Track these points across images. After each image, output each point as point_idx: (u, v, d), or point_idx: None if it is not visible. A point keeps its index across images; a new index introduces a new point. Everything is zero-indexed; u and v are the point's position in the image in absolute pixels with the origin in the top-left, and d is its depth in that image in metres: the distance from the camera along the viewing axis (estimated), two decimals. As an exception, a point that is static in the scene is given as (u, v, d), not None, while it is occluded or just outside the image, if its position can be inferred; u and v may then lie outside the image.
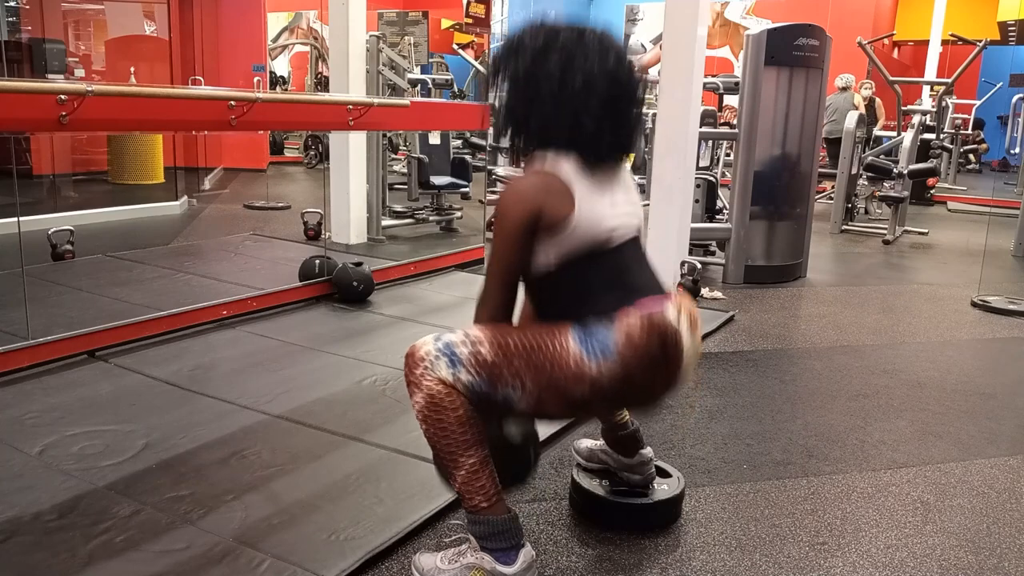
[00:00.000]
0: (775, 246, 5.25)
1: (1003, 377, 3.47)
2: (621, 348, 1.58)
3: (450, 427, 1.63)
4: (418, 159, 6.37)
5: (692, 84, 4.44)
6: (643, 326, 1.59)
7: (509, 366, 1.60)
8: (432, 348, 1.64)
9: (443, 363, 1.62)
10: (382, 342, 3.54)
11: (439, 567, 1.75)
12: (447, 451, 1.65)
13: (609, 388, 1.60)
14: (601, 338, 1.59)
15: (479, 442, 1.66)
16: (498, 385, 1.61)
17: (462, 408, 1.62)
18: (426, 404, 1.63)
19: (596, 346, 1.59)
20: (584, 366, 1.58)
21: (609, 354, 1.58)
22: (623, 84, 1.68)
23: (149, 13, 9.05)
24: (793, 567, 1.94)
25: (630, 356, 1.58)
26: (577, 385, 1.59)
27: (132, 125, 3.56)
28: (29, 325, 3.09)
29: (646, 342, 1.58)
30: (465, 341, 1.63)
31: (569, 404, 1.66)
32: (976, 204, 9.51)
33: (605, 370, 1.58)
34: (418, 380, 1.64)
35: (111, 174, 7.58)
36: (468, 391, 1.62)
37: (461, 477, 1.67)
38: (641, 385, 1.64)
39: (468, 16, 11.32)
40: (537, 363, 1.60)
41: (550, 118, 1.66)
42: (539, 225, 1.61)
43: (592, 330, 1.60)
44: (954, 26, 11.59)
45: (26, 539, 1.88)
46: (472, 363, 1.61)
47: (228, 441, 2.45)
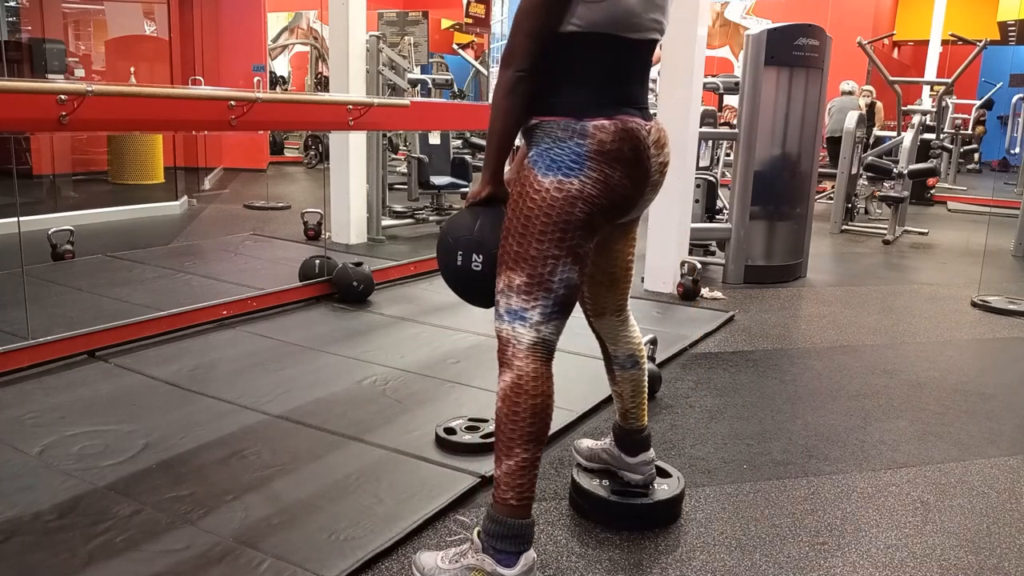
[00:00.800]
0: (775, 246, 5.25)
1: (1003, 377, 3.47)
2: (593, 153, 1.64)
3: (523, 414, 1.67)
4: (418, 159, 6.38)
5: (692, 84, 4.45)
6: (615, 131, 1.65)
7: (534, 260, 1.66)
8: (503, 325, 1.71)
9: (518, 326, 1.69)
10: (382, 342, 3.55)
11: (439, 566, 1.75)
12: (508, 436, 1.69)
13: (597, 193, 1.65)
14: (570, 149, 1.64)
15: (539, 440, 1.70)
16: (548, 281, 1.67)
17: (541, 398, 1.68)
18: (511, 384, 1.68)
19: (567, 161, 1.64)
20: (566, 186, 1.64)
21: (583, 163, 1.64)
22: None
23: (149, 13, 9.06)
24: (793, 567, 1.94)
25: (603, 159, 1.65)
26: (574, 207, 1.64)
27: (132, 125, 3.55)
28: (29, 325, 3.09)
29: (618, 145, 1.66)
30: (505, 293, 1.70)
31: (587, 229, 1.68)
32: (976, 204, 9.51)
33: (586, 179, 1.64)
34: (509, 360, 1.70)
35: (111, 174, 7.59)
36: (548, 320, 1.69)
37: (507, 467, 1.69)
38: (620, 187, 1.69)
39: (468, 16, 11.32)
40: (540, 228, 1.65)
41: None
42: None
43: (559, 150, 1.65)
44: (954, 26, 11.59)
45: (26, 539, 1.88)
46: (523, 299, 1.68)
47: (228, 441, 2.45)
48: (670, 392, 3.08)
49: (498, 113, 1.68)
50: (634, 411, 2.10)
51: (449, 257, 1.82)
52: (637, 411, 2.10)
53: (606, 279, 1.99)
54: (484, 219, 1.79)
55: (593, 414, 2.79)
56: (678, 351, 3.57)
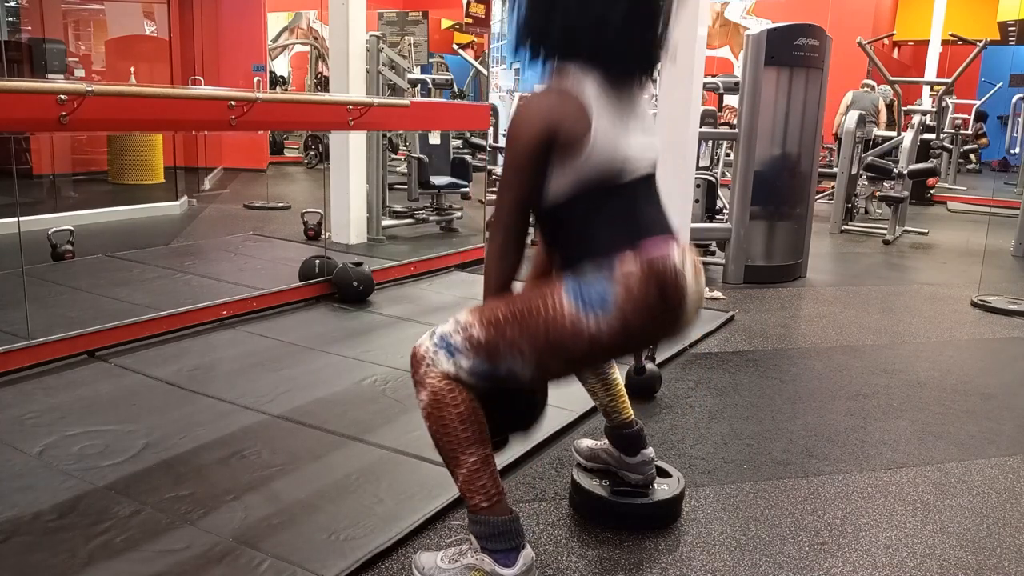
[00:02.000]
0: (775, 246, 5.25)
1: (1003, 377, 3.47)
2: (620, 301, 1.53)
3: (451, 424, 1.63)
4: (418, 159, 6.38)
5: (692, 84, 4.44)
6: (643, 274, 1.54)
7: (503, 339, 1.59)
8: (429, 344, 1.65)
9: (442, 356, 1.63)
10: (382, 342, 3.55)
11: (439, 566, 1.75)
12: (449, 449, 1.66)
13: (609, 341, 1.57)
14: (599, 290, 1.55)
15: (480, 441, 1.66)
16: (498, 361, 1.60)
17: (464, 405, 1.63)
18: (430, 401, 1.64)
19: (593, 299, 1.55)
20: (581, 323, 1.55)
21: (607, 308, 1.54)
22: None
23: (149, 13, 9.06)
24: (793, 567, 1.94)
25: (629, 309, 1.54)
26: (576, 343, 1.57)
27: (132, 125, 3.55)
28: (29, 325, 3.09)
29: (645, 292, 1.54)
30: (456, 328, 1.64)
31: (571, 362, 1.65)
32: (976, 204, 9.50)
33: (604, 325, 1.55)
34: (422, 378, 1.65)
35: (111, 174, 7.59)
36: (472, 375, 1.62)
37: (462, 476, 1.67)
38: (640, 335, 1.61)
39: (468, 16, 11.32)
40: (532, 329, 1.57)
41: (572, 26, 1.58)
42: (554, 145, 1.56)
43: (588, 282, 1.57)
44: (954, 26, 11.59)
45: (26, 539, 1.88)
46: (467, 347, 1.62)
47: (228, 441, 2.45)
48: (670, 392, 3.08)
49: (491, 276, 1.65)
50: (613, 405, 2.10)
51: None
52: (616, 405, 2.10)
53: None
54: None
55: (593, 414, 2.79)
56: (678, 351, 3.57)
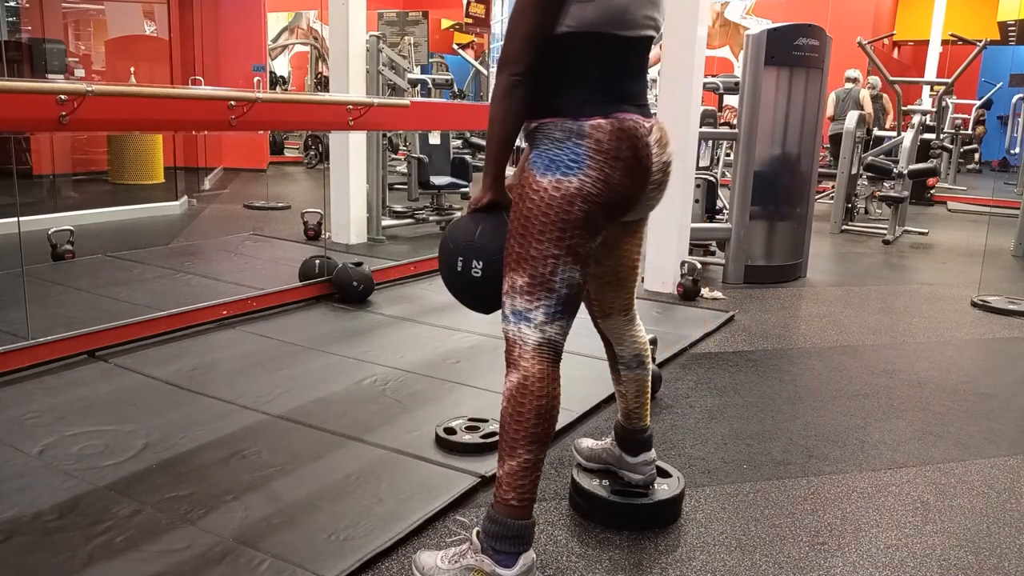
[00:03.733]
0: (775, 246, 5.25)
1: (1003, 377, 3.47)
2: (591, 153, 1.64)
3: (527, 415, 1.67)
4: (418, 159, 6.38)
5: (692, 84, 4.45)
6: (611, 129, 1.65)
7: (531, 261, 1.66)
8: (509, 325, 1.72)
9: (523, 327, 1.70)
10: (382, 342, 3.55)
11: (439, 566, 1.75)
12: (512, 437, 1.69)
13: (596, 192, 1.65)
14: (569, 151, 1.64)
15: (542, 442, 1.70)
16: (548, 280, 1.66)
17: (546, 399, 1.68)
18: (517, 385, 1.68)
19: (566, 161, 1.64)
20: (564, 186, 1.63)
21: (582, 162, 1.64)
22: None
23: (149, 13, 9.06)
24: (793, 567, 1.94)
25: (602, 159, 1.64)
26: (573, 206, 1.64)
27: (132, 125, 3.55)
28: (29, 325, 3.09)
29: (616, 145, 1.65)
30: (509, 295, 1.71)
31: (587, 229, 1.68)
32: (976, 204, 9.50)
33: (585, 178, 1.64)
34: (516, 360, 1.70)
35: (111, 174, 7.59)
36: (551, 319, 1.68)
37: (509, 468, 1.69)
38: (621, 187, 1.68)
39: (468, 16, 11.32)
40: (540, 229, 1.65)
41: None
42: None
43: (557, 151, 1.65)
44: (954, 26, 11.59)
45: (26, 539, 1.88)
46: (526, 299, 1.68)
47: (228, 441, 2.45)
48: (670, 392, 3.08)
49: (496, 118, 1.69)
50: (637, 411, 2.10)
51: (450, 262, 1.83)
52: (641, 411, 2.10)
53: (612, 279, 1.99)
54: (485, 225, 1.79)
55: (593, 414, 2.79)
56: (678, 351, 3.57)
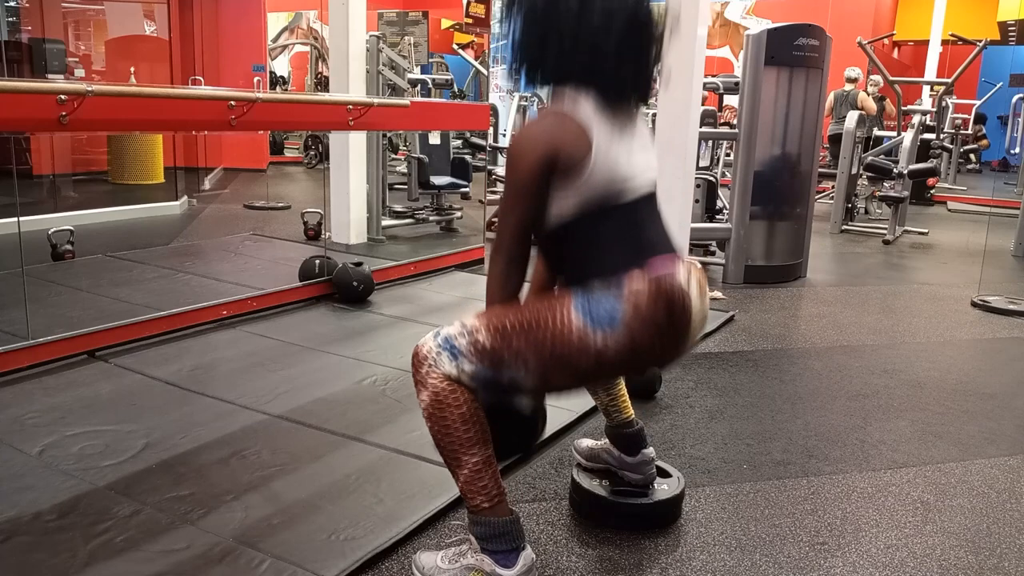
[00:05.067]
0: (775, 246, 5.25)
1: (1003, 377, 3.47)
2: (628, 318, 1.53)
3: (453, 424, 1.63)
4: (418, 159, 6.37)
5: (692, 84, 4.45)
6: (651, 292, 1.54)
7: (509, 348, 1.59)
8: (433, 345, 1.64)
9: (445, 357, 1.62)
10: (382, 342, 3.54)
11: (439, 566, 1.75)
12: (450, 449, 1.66)
13: (615, 358, 1.57)
14: (607, 307, 1.55)
15: (482, 441, 1.66)
16: (502, 369, 1.60)
17: (465, 406, 1.63)
18: (431, 402, 1.63)
19: (602, 316, 1.55)
20: (588, 338, 1.55)
21: (615, 325, 1.54)
22: (643, 21, 1.64)
23: (149, 13, 9.06)
24: (793, 567, 1.94)
25: (637, 326, 1.54)
26: (582, 357, 1.56)
27: (132, 125, 3.56)
28: (29, 325, 3.09)
29: (653, 310, 1.54)
30: (463, 332, 1.63)
31: (576, 376, 1.65)
32: (976, 204, 9.50)
33: (611, 341, 1.54)
34: (423, 378, 1.64)
35: (111, 174, 7.59)
36: (474, 380, 1.62)
37: (464, 476, 1.67)
38: (647, 352, 1.60)
39: (468, 16, 11.32)
40: (538, 340, 1.57)
41: (567, 52, 1.61)
42: (555, 168, 1.57)
43: (597, 298, 1.56)
44: (954, 26, 11.59)
45: (26, 539, 1.88)
46: (472, 351, 1.61)
47: (228, 441, 2.45)
48: (670, 392, 3.08)
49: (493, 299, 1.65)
50: (613, 405, 2.09)
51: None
52: (616, 404, 2.09)
53: None
54: None
55: (593, 414, 2.79)
56: (678, 351, 3.56)
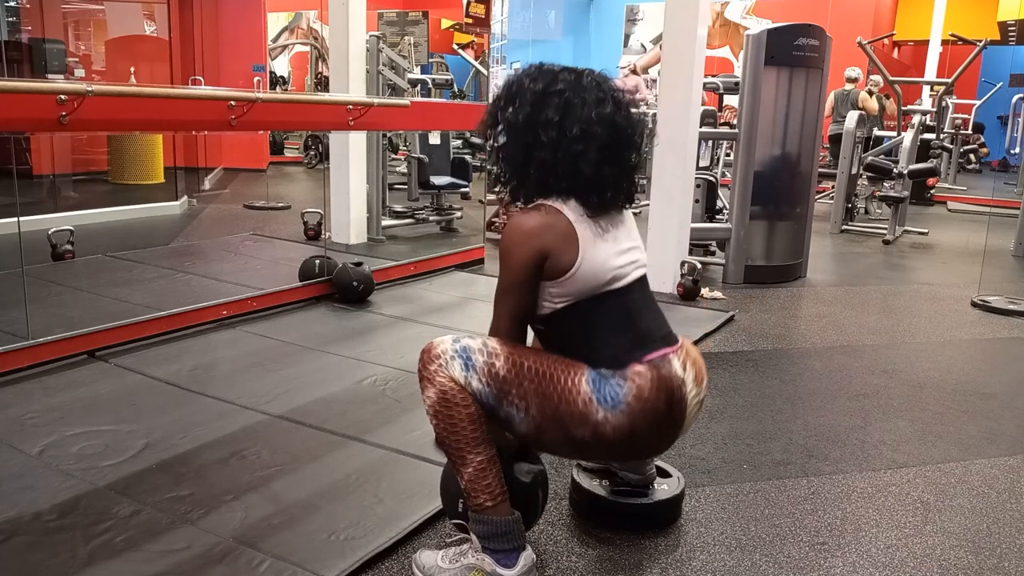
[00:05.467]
0: (775, 246, 5.25)
1: (1003, 377, 3.47)
2: (631, 401, 1.60)
3: (460, 423, 1.65)
4: (418, 159, 6.37)
5: (692, 84, 4.45)
6: (653, 384, 1.61)
7: (519, 387, 1.62)
8: (449, 347, 1.67)
9: (458, 364, 1.64)
10: (382, 342, 3.54)
11: (439, 565, 1.75)
12: (456, 447, 1.67)
13: (612, 438, 1.61)
14: (614, 387, 1.61)
15: (487, 441, 1.68)
16: (504, 401, 1.64)
17: (473, 406, 1.65)
18: (438, 399, 1.65)
19: (608, 394, 1.60)
20: (591, 409, 1.60)
21: (619, 405, 1.60)
22: (622, 130, 1.69)
23: (149, 13, 9.06)
24: (793, 567, 1.94)
25: (638, 410, 1.60)
26: (580, 426, 1.61)
27: (132, 125, 3.55)
28: (29, 325, 3.09)
29: (655, 399, 1.61)
30: (483, 349, 1.65)
31: (568, 442, 1.67)
32: (976, 204, 9.50)
33: (612, 419, 1.60)
34: (431, 376, 1.66)
35: (111, 174, 7.59)
36: (485, 394, 1.65)
37: (468, 475, 1.68)
38: (643, 439, 1.66)
39: (468, 16, 11.32)
40: (546, 392, 1.61)
41: (549, 166, 1.66)
42: (544, 264, 1.63)
43: (607, 378, 1.62)
44: (954, 26, 11.59)
45: (26, 539, 1.88)
46: (485, 372, 1.63)
47: (228, 441, 2.45)
48: (670, 392, 3.08)
49: None
50: None
51: None
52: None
53: None
54: None
55: (593, 414, 2.79)
56: (678, 351, 3.56)
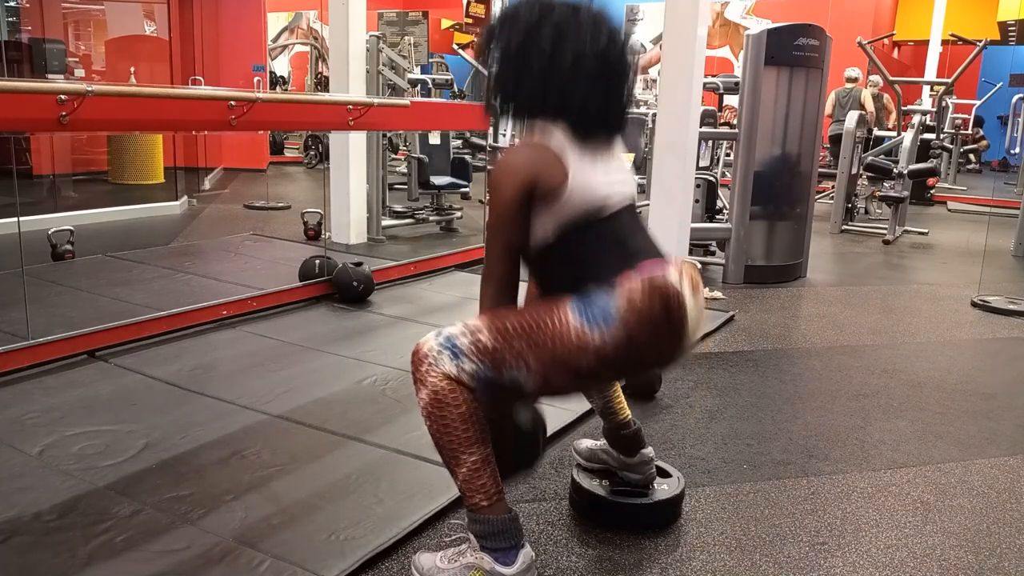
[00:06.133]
0: (775, 246, 5.25)
1: (1003, 377, 3.47)
2: (623, 313, 1.56)
3: (452, 423, 1.63)
4: (418, 159, 6.38)
5: (692, 84, 4.44)
6: (644, 289, 1.56)
7: (510, 349, 1.60)
8: (434, 344, 1.65)
9: (446, 356, 1.63)
10: (382, 342, 3.55)
11: (438, 566, 1.75)
12: (449, 448, 1.66)
13: (614, 355, 1.58)
14: (602, 305, 1.58)
15: (481, 440, 1.66)
16: (503, 369, 1.61)
17: (465, 405, 1.63)
18: (430, 400, 1.64)
19: (597, 314, 1.57)
20: (586, 337, 1.57)
21: (611, 321, 1.56)
22: (613, 64, 1.69)
23: (149, 13, 9.06)
24: (793, 567, 1.94)
25: (633, 321, 1.56)
26: (582, 357, 1.58)
27: (132, 125, 3.55)
28: (29, 325, 3.09)
29: (648, 305, 1.56)
30: (464, 332, 1.64)
31: (577, 377, 1.65)
32: (976, 204, 9.50)
33: (609, 338, 1.57)
34: (423, 377, 1.65)
35: (111, 174, 7.59)
36: (474, 380, 1.63)
37: (462, 475, 1.67)
38: (646, 350, 1.62)
39: (468, 16, 11.34)
40: (538, 341, 1.59)
41: (538, 92, 1.67)
42: (534, 195, 1.63)
43: (592, 299, 1.59)
44: (954, 26, 11.59)
45: (26, 539, 1.88)
46: (473, 351, 1.62)
47: (228, 441, 2.45)
48: (670, 392, 3.08)
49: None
50: (609, 407, 2.10)
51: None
52: (612, 406, 2.10)
53: None
54: None
55: (593, 414, 2.78)
56: (678, 351, 3.56)
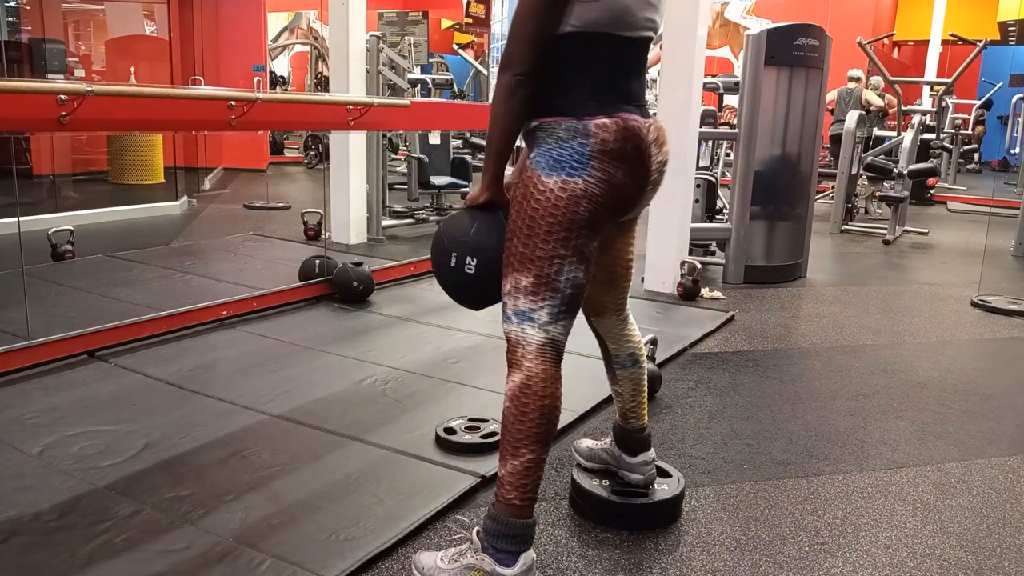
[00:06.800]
0: (775, 246, 5.25)
1: (1003, 377, 3.47)
2: (596, 152, 1.65)
3: (530, 414, 1.67)
4: (418, 159, 6.38)
5: (692, 84, 4.45)
6: (617, 130, 1.67)
7: (537, 262, 1.66)
8: (512, 326, 1.71)
9: (527, 327, 1.69)
10: (382, 342, 3.55)
11: (439, 566, 1.75)
12: (514, 437, 1.69)
13: (601, 192, 1.66)
14: (574, 149, 1.65)
15: (546, 442, 1.70)
16: (553, 280, 1.67)
17: (549, 400, 1.68)
18: (520, 384, 1.68)
19: (570, 159, 1.65)
20: (569, 187, 1.64)
21: (585, 162, 1.65)
22: None
23: (149, 13, 9.06)
24: (793, 567, 1.94)
25: (606, 158, 1.66)
26: (578, 206, 1.65)
27: (132, 125, 3.55)
28: (29, 325, 3.09)
29: (621, 143, 1.67)
30: (511, 295, 1.70)
31: (591, 228, 1.69)
32: (976, 204, 9.50)
33: (589, 178, 1.65)
34: (519, 360, 1.70)
35: (111, 174, 7.59)
36: (555, 319, 1.69)
37: (512, 467, 1.70)
38: (623, 186, 1.70)
39: (468, 16, 11.34)
40: (547, 228, 1.65)
41: None
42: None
43: (562, 148, 1.65)
44: (954, 26, 11.59)
45: (26, 539, 1.88)
46: (530, 298, 1.68)
47: (228, 441, 2.45)
48: (670, 392, 3.08)
49: (497, 118, 1.69)
50: (634, 410, 2.10)
51: (443, 258, 1.82)
52: (637, 410, 2.11)
53: (607, 278, 1.99)
54: (481, 223, 1.79)
55: (593, 414, 2.79)
56: (678, 351, 3.57)
